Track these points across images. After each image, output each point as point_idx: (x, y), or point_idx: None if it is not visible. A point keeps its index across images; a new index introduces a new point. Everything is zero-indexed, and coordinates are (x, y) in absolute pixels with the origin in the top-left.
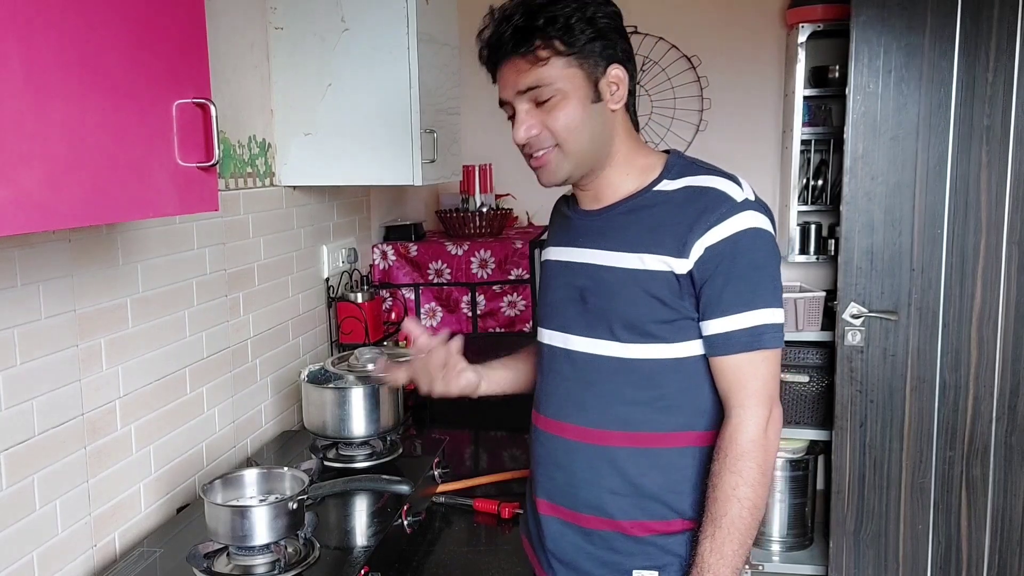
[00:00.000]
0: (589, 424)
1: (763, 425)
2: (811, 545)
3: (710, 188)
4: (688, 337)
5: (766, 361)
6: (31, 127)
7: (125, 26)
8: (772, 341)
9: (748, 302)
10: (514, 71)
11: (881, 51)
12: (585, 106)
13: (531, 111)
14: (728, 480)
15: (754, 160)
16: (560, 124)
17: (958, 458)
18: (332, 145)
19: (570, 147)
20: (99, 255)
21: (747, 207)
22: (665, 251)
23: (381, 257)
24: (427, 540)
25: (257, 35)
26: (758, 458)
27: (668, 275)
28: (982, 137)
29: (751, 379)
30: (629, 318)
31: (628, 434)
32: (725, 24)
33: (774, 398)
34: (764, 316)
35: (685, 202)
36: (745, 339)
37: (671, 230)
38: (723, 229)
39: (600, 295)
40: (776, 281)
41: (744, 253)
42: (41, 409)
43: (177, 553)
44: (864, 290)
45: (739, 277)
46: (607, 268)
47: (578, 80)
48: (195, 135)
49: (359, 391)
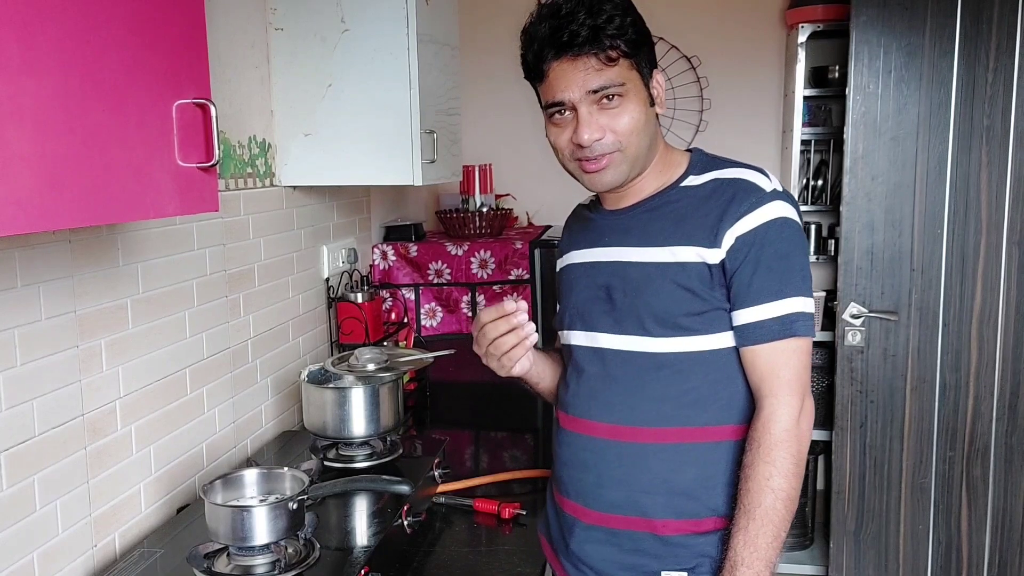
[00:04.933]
0: (618, 421)
1: (796, 415)
2: (811, 545)
3: (739, 179)
4: (719, 329)
5: (798, 351)
6: (31, 127)
7: (125, 26)
8: (804, 329)
9: (779, 291)
10: (582, 70)
11: (881, 51)
12: (645, 109)
13: (594, 114)
14: (762, 470)
15: (754, 160)
16: (625, 127)
17: (958, 458)
18: (332, 145)
19: (631, 151)
20: (99, 256)
21: (776, 197)
22: (696, 242)
23: (381, 257)
24: (427, 540)
25: (257, 35)
26: (792, 448)
27: (700, 266)
28: (982, 137)
29: (783, 368)
30: (659, 312)
31: (659, 430)
32: (725, 24)
33: (806, 388)
34: (795, 304)
35: (713, 193)
36: (776, 327)
37: (701, 221)
38: (753, 218)
39: (628, 291)
40: (805, 270)
41: (774, 242)
42: (41, 409)
43: (177, 553)
44: (864, 290)
45: (769, 266)
46: (634, 264)
47: (638, 83)
48: (195, 135)
49: (359, 391)
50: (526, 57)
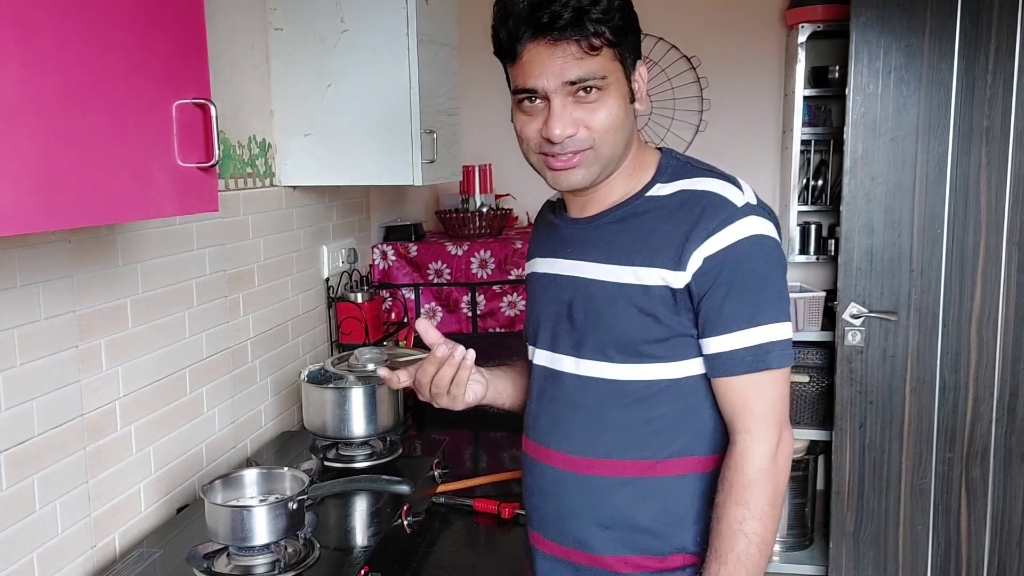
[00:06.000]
0: (576, 452)
1: (771, 452)
2: (811, 545)
3: (707, 192)
4: (686, 356)
5: (773, 381)
6: (30, 127)
7: (125, 26)
8: (779, 360)
9: (752, 317)
10: (560, 57)
11: (881, 52)
12: (624, 105)
13: (568, 107)
14: (734, 513)
15: (754, 160)
16: (602, 124)
17: (958, 459)
18: (332, 145)
19: (605, 150)
20: (99, 256)
21: (748, 212)
22: (660, 263)
23: (381, 257)
24: (427, 540)
25: (257, 35)
26: (767, 488)
27: (664, 290)
28: (982, 138)
29: (757, 402)
30: (620, 337)
31: (620, 463)
32: (725, 24)
33: (784, 421)
34: (769, 332)
35: (680, 208)
36: (750, 359)
37: (666, 240)
38: (722, 237)
39: (589, 312)
40: (782, 292)
41: (746, 263)
42: (41, 410)
43: (177, 553)
44: (864, 290)
45: (741, 289)
46: (596, 282)
47: (620, 76)
48: (195, 135)
49: (359, 391)
50: (498, 33)
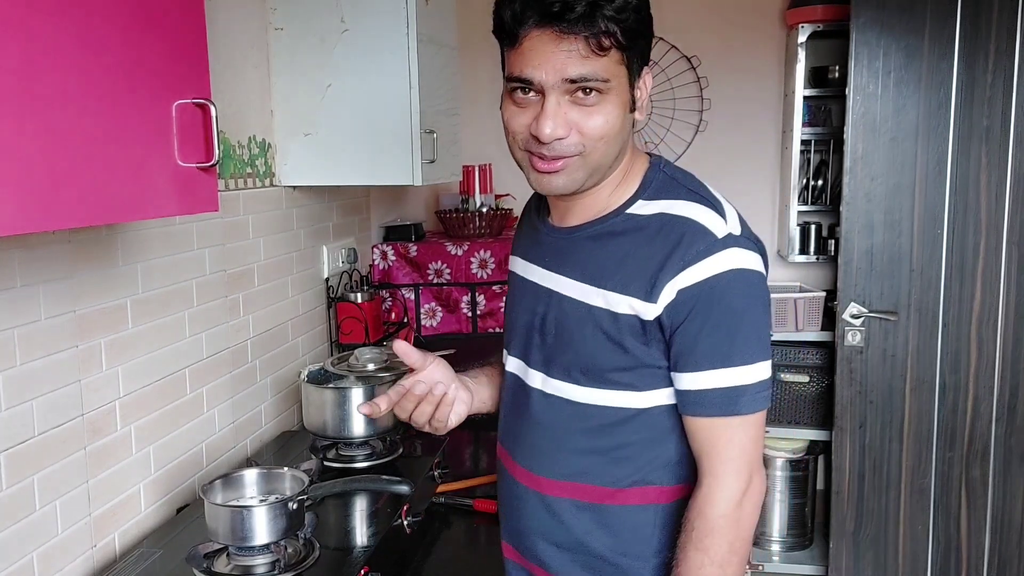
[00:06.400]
0: (537, 470)
1: (737, 498)
2: (811, 545)
3: (686, 219)
4: (654, 386)
5: (744, 426)
6: (31, 127)
7: (125, 26)
8: (751, 405)
9: (725, 357)
10: (564, 52)
11: (881, 52)
12: (623, 113)
13: (563, 106)
14: (693, 558)
15: (754, 160)
16: (596, 130)
17: (957, 459)
18: (332, 145)
19: (595, 158)
20: (99, 256)
21: (729, 243)
22: (631, 292)
23: (381, 257)
24: (427, 540)
25: (257, 35)
26: (728, 536)
27: (633, 319)
28: (982, 138)
29: (725, 446)
30: (587, 362)
31: (578, 486)
32: (725, 24)
33: (754, 466)
34: (742, 375)
35: (658, 233)
36: (720, 401)
37: (639, 267)
38: (699, 270)
39: (559, 330)
40: (761, 330)
41: (722, 298)
42: (41, 409)
43: (177, 553)
44: (864, 290)
45: (715, 327)
46: (568, 299)
47: (623, 82)
48: (195, 135)
49: (359, 391)
50: (501, 11)
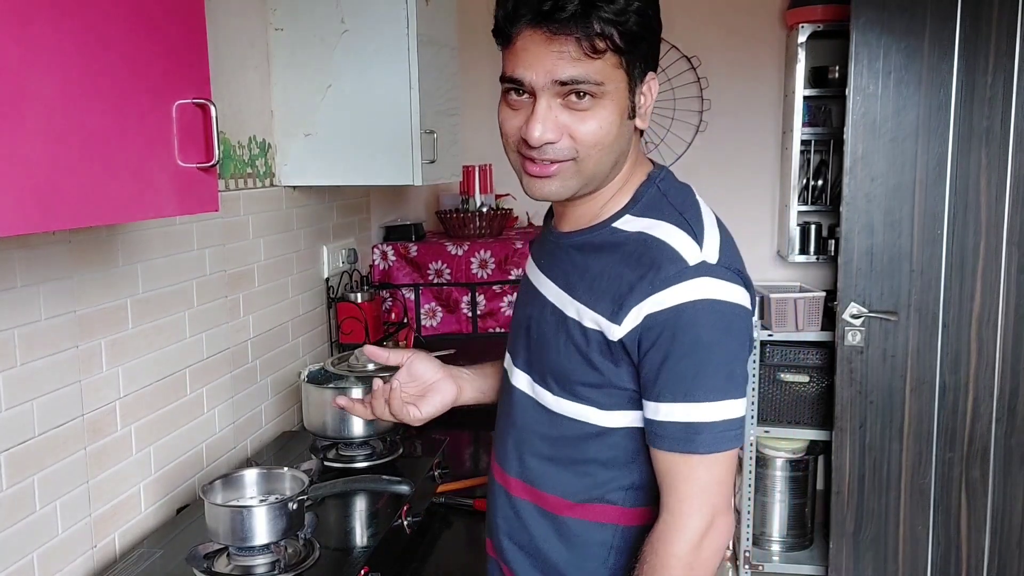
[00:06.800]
0: (505, 468)
1: (695, 540)
2: (811, 545)
3: (662, 243)
4: (620, 407)
5: (705, 464)
6: (31, 128)
7: (125, 26)
8: (710, 444)
9: (686, 392)
10: (555, 52)
11: (881, 52)
12: (620, 120)
13: (554, 109)
14: None
15: (754, 160)
16: (589, 136)
17: (957, 459)
18: (332, 145)
19: (588, 166)
20: (99, 256)
21: (701, 272)
22: (599, 309)
23: (381, 257)
24: (427, 540)
25: (257, 35)
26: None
27: (599, 335)
28: (982, 139)
29: (684, 483)
30: (558, 371)
31: (538, 492)
32: (725, 24)
33: (718, 507)
34: (703, 412)
35: (633, 254)
36: (679, 436)
37: (611, 286)
38: (665, 296)
39: (539, 333)
40: (732, 366)
41: (688, 329)
42: (41, 410)
43: (177, 554)
44: (864, 290)
45: (680, 358)
46: (551, 305)
47: (622, 87)
48: (195, 135)
49: (359, 391)
50: (497, 10)
